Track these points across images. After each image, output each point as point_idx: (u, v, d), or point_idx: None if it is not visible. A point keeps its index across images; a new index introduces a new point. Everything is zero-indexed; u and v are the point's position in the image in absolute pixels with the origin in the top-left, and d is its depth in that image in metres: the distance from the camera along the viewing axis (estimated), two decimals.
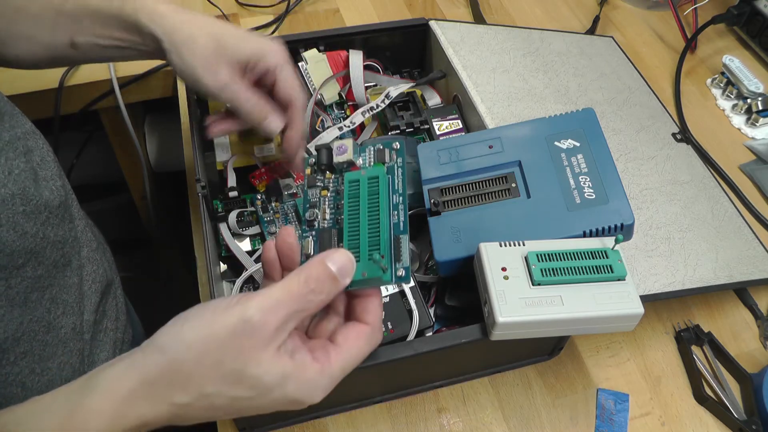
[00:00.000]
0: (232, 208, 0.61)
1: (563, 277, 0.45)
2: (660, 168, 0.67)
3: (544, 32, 0.77)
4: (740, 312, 0.62)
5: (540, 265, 0.45)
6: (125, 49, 0.51)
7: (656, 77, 0.83)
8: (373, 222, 0.39)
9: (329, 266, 0.35)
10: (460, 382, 0.56)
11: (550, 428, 0.54)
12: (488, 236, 0.49)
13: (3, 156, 0.41)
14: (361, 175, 0.41)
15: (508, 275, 0.45)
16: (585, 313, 0.44)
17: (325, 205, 0.42)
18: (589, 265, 0.45)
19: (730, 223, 0.65)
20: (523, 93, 0.67)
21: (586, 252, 0.46)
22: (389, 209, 0.39)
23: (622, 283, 0.45)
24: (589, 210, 0.49)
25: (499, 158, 0.53)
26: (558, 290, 0.45)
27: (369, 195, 0.40)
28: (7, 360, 0.42)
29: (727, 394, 0.55)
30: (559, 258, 0.46)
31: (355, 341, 0.37)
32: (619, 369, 0.57)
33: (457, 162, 0.54)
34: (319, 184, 0.43)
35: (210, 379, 0.33)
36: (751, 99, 0.79)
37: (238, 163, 0.64)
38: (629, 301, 0.45)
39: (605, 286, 0.45)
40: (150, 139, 1.04)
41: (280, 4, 0.88)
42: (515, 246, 0.47)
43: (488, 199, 0.52)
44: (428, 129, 0.67)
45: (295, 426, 0.52)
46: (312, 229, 0.42)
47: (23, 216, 0.41)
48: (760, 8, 0.83)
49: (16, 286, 0.42)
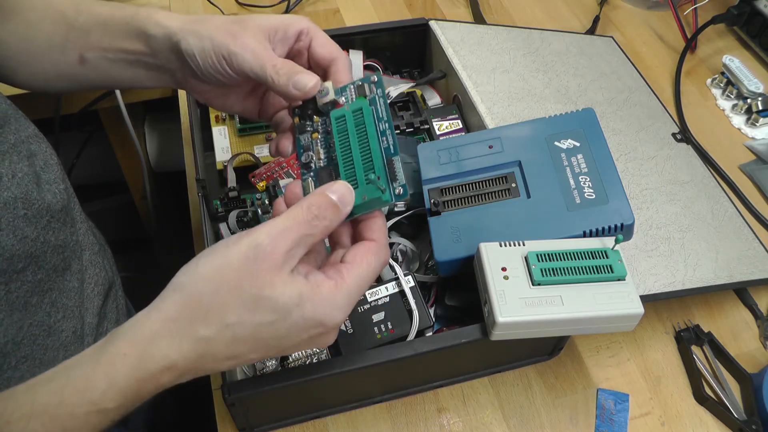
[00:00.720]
0: (232, 208, 0.61)
1: (563, 277, 0.45)
2: (660, 168, 0.67)
3: (544, 32, 0.77)
4: (740, 312, 0.62)
5: (540, 265, 0.45)
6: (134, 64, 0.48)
7: (656, 77, 0.83)
8: (365, 150, 0.40)
9: (330, 195, 0.36)
10: (460, 382, 0.56)
11: (550, 428, 0.54)
12: (488, 236, 0.49)
13: (7, 159, 0.41)
14: (345, 110, 0.42)
15: (508, 275, 0.45)
16: (585, 313, 0.44)
17: (318, 146, 0.43)
18: (589, 265, 0.45)
19: (730, 223, 0.65)
20: (523, 93, 0.67)
21: (586, 252, 0.46)
22: (378, 135, 0.40)
23: (622, 283, 0.45)
24: (589, 210, 0.49)
25: (499, 158, 0.53)
26: (558, 290, 0.45)
27: (356, 126, 0.41)
28: (9, 364, 0.42)
29: (727, 394, 0.55)
30: (559, 258, 0.46)
31: (364, 256, 0.37)
32: (619, 369, 0.57)
33: (457, 162, 0.54)
34: (309, 129, 0.44)
35: (229, 306, 0.33)
36: (751, 99, 0.79)
37: (238, 163, 0.65)
38: (629, 301, 0.44)
39: (605, 286, 0.45)
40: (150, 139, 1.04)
41: (280, 4, 0.88)
42: (515, 246, 0.47)
43: (488, 199, 0.52)
44: (428, 129, 0.67)
45: (295, 426, 0.52)
46: (310, 171, 0.43)
47: (24, 220, 0.41)
48: (760, 8, 0.83)
49: (16, 290, 0.42)
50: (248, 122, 0.66)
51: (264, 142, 0.67)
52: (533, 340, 0.54)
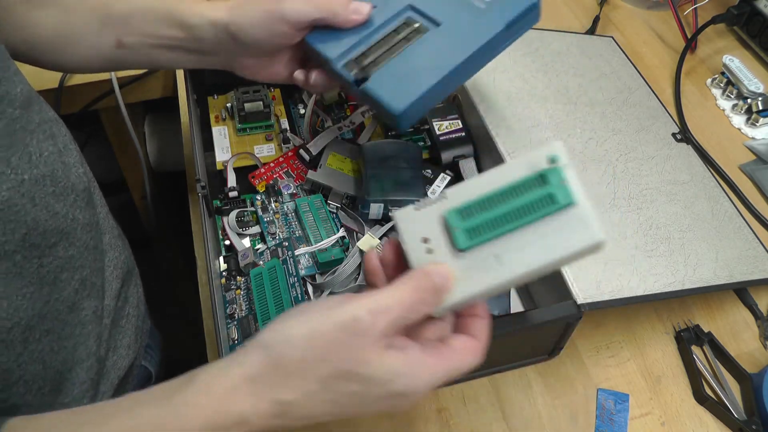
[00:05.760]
0: (232, 208, 0.61)
1: (494, 231, 0.35)
2: (660, 168, 0.67)
3: (544, 32, 0.77)
4: (740, 312, 0.62)
5: (464, 225, 0.35)
6: (175, 49, 0.51)
7: (656, 77, 0.83)
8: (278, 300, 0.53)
9: (435, 279, 0.34)
10: (460, 382, 0.56)
11: (550, 428, 0.54)
12: (426, 73, 0.47)
13: (35, 138, 0.41)
14: (262, 268, 0.56)
15: (431, 247, 0.36)
16: (530, 266, 0.35)
17: (241, 300, 0.55)
18: (524, 203, 0.35)
19: (730, 223, 0.65)
20: (523, 93, 0.67)
21: (517, 187, 0.35)
22: (289, 287, 0.54)
23: (573, 209, 0.34)
24: (496, 7, 0.49)
25: (389, 10, 0.51)
26: (492, 248, 0.35)
27: (270, 280, 0.55)
28: (33, 337, 0.42)
29: (727, 394, 0.55)
30: (486, 207, 0.36)
31: (465, 350, 0.36)
32: (619, 369, 0.57)
33: (352, 32, 0.51)
34: (233, 287, 0.56)
35: (316, 376, 0.32)
36: (751, 99, 0.79)
37: (238, 163, 0.65)
38: (584, 230, 0.34)
39: (551, 221, 0.34)
40: (150, 139, 1.04)
41: None
42: (434, 204, 0.37)
43: (405, 44, 0.50)
44: (428, 129, 0.67)
45: None
46: (233, 321, 0.54)
47: (53, 197, 0.42)
48: (760, 8, 0.83)
49: (48, 265, 0.42)
50: (248, 122, 0.66)
51: (264, 142, 0.67)
52: (533, 340, 0.54)
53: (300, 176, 0.65)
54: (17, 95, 0.40)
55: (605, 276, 0.52)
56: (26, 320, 0.41)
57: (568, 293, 0.50)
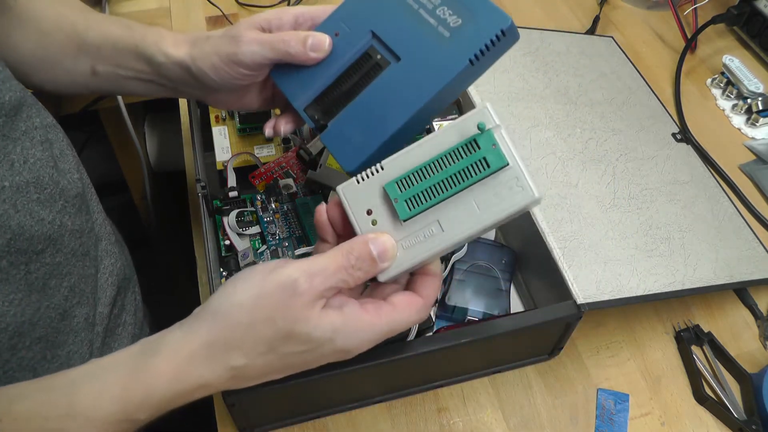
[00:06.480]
0: (232, 209, 0.61)
1: (433, 199, 0.37)
2: (660, 168, 0.67)
3: (544, 32, 0.77)
4: (740, 312, 0.62)
5: (403, 196, 0.37)
6: (146, 82, 0.50)
7: (656, 77, 0.83)
8: None
9: (371, 247, 0.37)
10: (460, 382, 0.56)
11: (550, 428, 0.54)
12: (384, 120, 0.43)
13: (19, 145, 0.42)
14: None
15: (375, 219, 0.38)
16: (471, 230, 0.37)
17: None
18: (459, 169, 0.36)
19: (730, 223, 0.65)
20: (523, 93, 0.67)
21: (450, 154, 0.37)
22: None
23: (507, 170, 0.36)
24: (462, 36, 0.43)
25: (350, 39, 0.47)
26: (433, 215, 0.37)
27: None
28: (23, 344, 0.42)
29: (727, 394, 0.55)
30: (423, 176, 0.37)
31: (407, 306, 0.38)
32: (619, 369, 0.57)
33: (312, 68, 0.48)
34: None
35: (263, 338, 0.35)
36: (751, 99, 0.79)
37: (238, 163, 0.65)
38: (519, 191, 0.36)
39: (487, 184, 0.36)
40: (150, 139, 1.04)
41: (280, 4, 0.88)
42: (372, 175, 0.39)
43: (365, 84, 0.46)
44: (428, 129, 0.67)
45: (295, 426, 0.52)
46: None
47: (38, 203, 0.42)
48: (760, 8, 0.83)
49: (35, 271, 0.42)
50: (248, 122, 0.66)
51: (264, 142, 0.67)
52: (533, 340, 0.54)
53: (300, 176, 0.65)
54: (3, 104, 0.40)
55: (605, 276, 0.52)
56: (14, 326, 0.41)
57: (568, 293, 0.50)
